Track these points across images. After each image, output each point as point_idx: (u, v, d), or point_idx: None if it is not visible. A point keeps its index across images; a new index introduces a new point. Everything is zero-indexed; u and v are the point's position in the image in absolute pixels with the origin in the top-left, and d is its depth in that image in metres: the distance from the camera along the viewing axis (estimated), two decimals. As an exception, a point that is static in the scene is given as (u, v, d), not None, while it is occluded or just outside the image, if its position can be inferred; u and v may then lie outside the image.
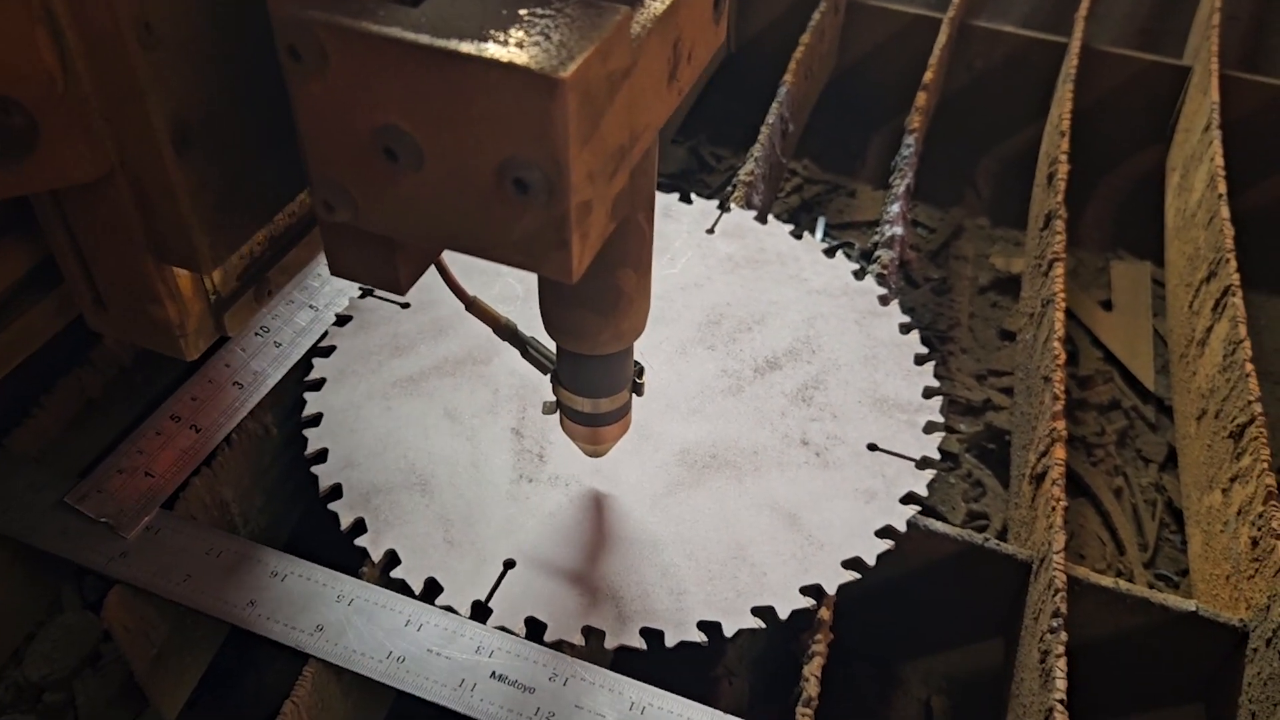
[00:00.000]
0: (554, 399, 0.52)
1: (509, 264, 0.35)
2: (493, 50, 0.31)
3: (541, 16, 0.32)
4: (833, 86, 1.15)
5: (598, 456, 0.55)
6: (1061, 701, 0.50)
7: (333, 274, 0.41)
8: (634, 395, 0.52)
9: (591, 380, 0.50)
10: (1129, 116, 1.04)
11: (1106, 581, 0.59)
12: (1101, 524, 0.79)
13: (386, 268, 0.40)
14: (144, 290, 0.42)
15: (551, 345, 0.50)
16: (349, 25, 0.32)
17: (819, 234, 0.94)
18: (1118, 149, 1.07)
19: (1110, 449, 0.84)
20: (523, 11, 0.32)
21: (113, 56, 0.34)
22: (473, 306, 0.52)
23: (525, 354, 0.53)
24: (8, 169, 0.37)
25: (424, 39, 0.31)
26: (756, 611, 0.52)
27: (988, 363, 0.91)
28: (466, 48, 0.31)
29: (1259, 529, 0.58)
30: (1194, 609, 0.58)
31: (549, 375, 0.52)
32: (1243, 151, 0.92)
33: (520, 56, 0.30)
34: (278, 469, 0.65)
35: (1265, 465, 0.60)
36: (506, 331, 0.53)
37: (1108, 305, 0.96)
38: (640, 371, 0.52)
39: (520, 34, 0.31)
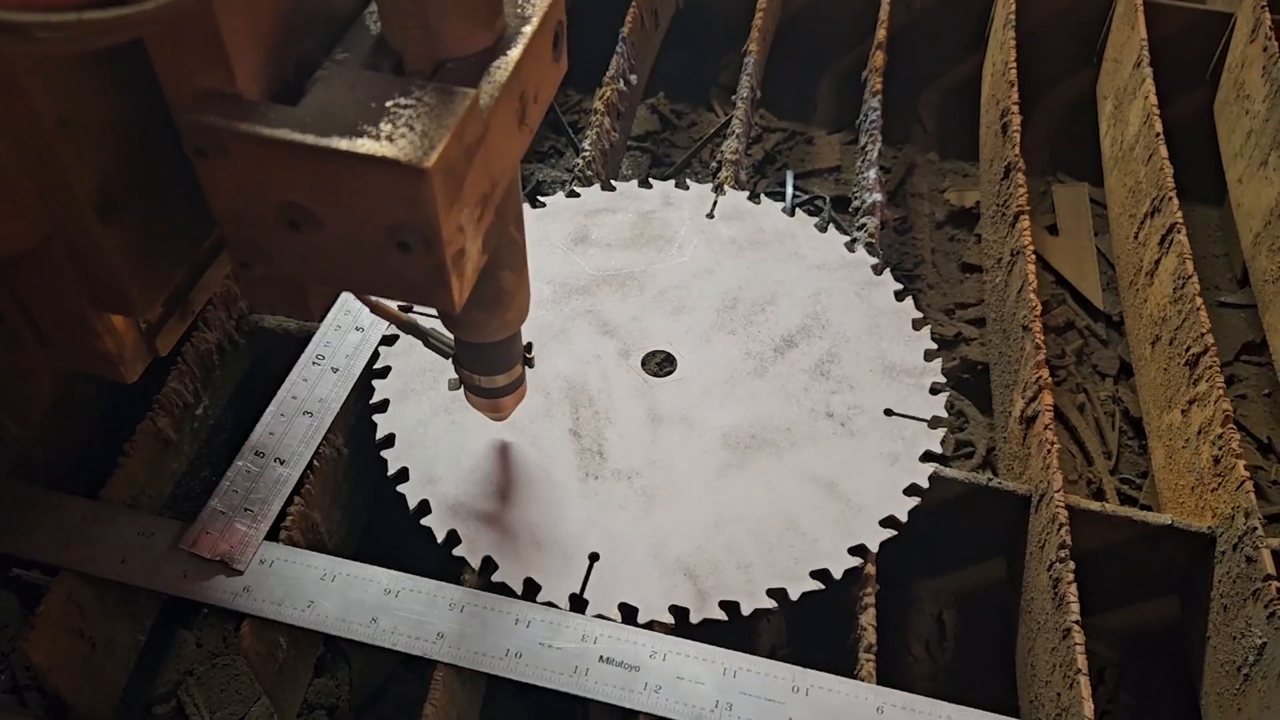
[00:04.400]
0: (457, 377, 0.61)
1: (405, 301, 0.43)
2: (368, 145, 0.37)
3: (405, 108, 0.38)
4: (778, 33, 1.19)
5: (500, 421, 0.64)
6: (1077, 622, 0.59)
7: (250, 310, 0.47)
8: (526, 368, 0.61)
9: (487, 361, 0.58)
10: (1059, 45, 1.11)
11: (1095, 506, 0.68)
12: (1070, 438, 0.89)
13: (299, 302, 0.46)
14: (83, 330, 0.46)
15: (450, 334, 0.58)
16: (245, 130, 0.37)
17: (789, 189, 1.00)
18: (1050, 75, 1.14)
19: (1070, 368, 0.93)
20: (389, 104, 0.38)
21: (37, 147, 0.39)
22: (376, 308, 0.59)
23: (427, 343, 0.61)
24: None
25: (309, 139, 0.37)
26: (814, 575, 0.61)
27: (954, 296, 0.99)
28: (344, 144, 0.37)
29: (1220, 448, 0.68)
30: (1169, 522, 0.68)
31: (450, 359, 0.60)
32: (1166, 69, 1.00)
33: (391, 150, 0.37)
34: (348, 484, 0.71)
35: (1220, 391, 0.69)
36: (408, 325, 0.60)
37: (1053, 229, 1.05)
38: (529, 347, 0.61)
39: (389, 127, 0.37)
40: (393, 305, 0.60)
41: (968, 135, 1.12)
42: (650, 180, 0.84)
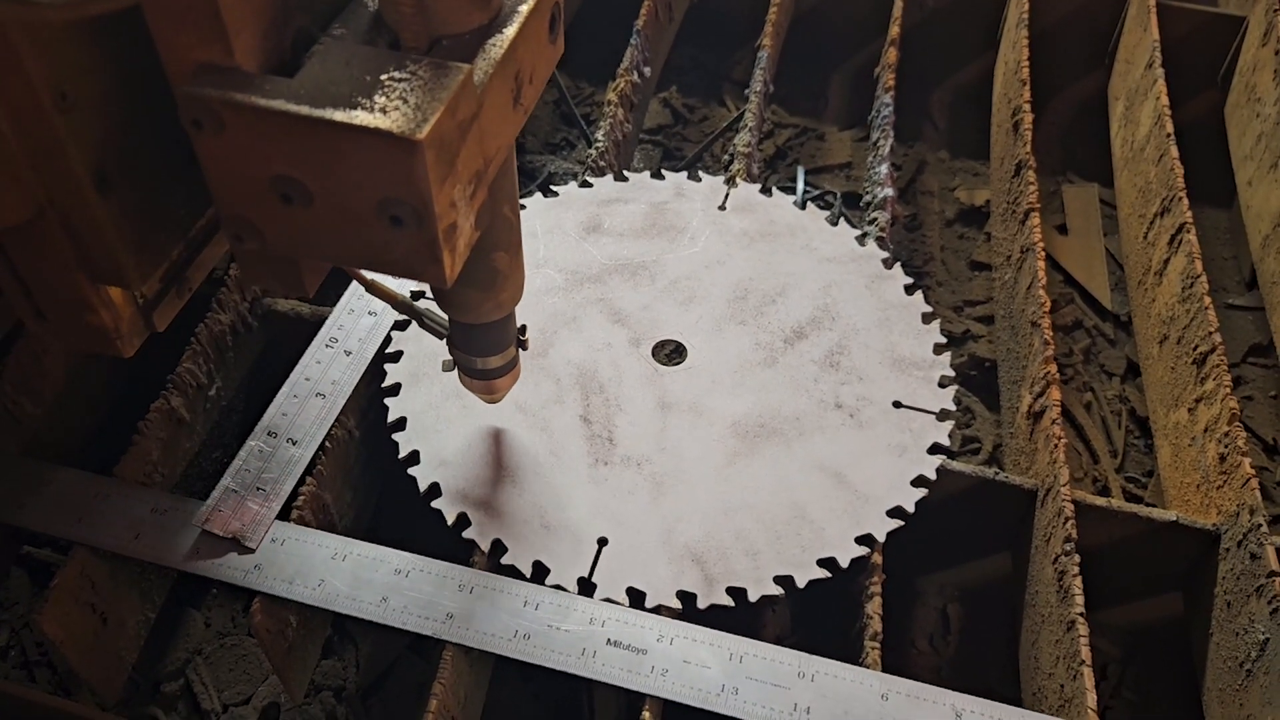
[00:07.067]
0: (451, 358, 0.61)
1: (396, 276, 0.43)
2: (361, 117, 0.37)
3: (399, 81, 0.38)
4: (791, 29, 1.20)
5: (494, 403, 0.64)
6: (1081, 615, 0.60)
7: (246, 286, 0.47)
8: (520, 350, 0.61)
9: (481, 342, 0.58)
10: (1071, 46, 1.12)
11: (1100, 502, 0.68)
12: (1076, 436, 0.90)
13: (293, 279, 0.47)
14: (80, 303, 0.47)
15: (444, 315, 0.58)
16: (241, 100, 0.38)
17: (799, 184, 1.00)
18: (1062, 75, 1.14)
19: (1078, 367, 0.94)
20: (384, 77, 0.39)
21: (35, 120, 0.39)
22: (372, 287, 0.60)
23: (421, 324, 0.61)
24: None
25: (304, 110, 0.37)
26: (821, 563, 0.61)
27: (963, 294, 1.00)
28: (339, 115, 0.37)
29: (1225, 446, 0.68)
30: (1175, 519, 0.68)
31: (444, 340, 0.60)
32: (1177, 71, 1.00)
33: (384, 122, 0.37)
34: (359, 466, 0.71)
35: (1227, 390, 0.70)
36: (403, 306, 0.61)
37: (1062, 229, 1.06)
38: (523, 329, 0.61)
39: (383, 99, 0.38)
40: (388, 284, 0.60)
41: (978, 134, 1.12)
42: (663, 171, 0.84)
